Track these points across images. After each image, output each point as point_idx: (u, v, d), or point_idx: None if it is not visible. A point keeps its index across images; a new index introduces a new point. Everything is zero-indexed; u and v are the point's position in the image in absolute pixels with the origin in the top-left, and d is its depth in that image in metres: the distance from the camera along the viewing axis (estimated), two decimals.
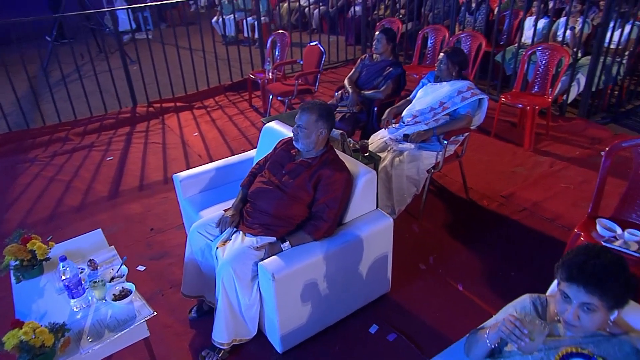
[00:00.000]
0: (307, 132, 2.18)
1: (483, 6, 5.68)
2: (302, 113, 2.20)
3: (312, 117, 2.16)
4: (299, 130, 2.20)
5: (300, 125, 2.19)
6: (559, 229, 3.04)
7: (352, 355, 2.23)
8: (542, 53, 4.17)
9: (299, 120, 2.20)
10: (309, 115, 2.17)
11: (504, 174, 3.76)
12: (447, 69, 3.08)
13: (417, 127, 3.09)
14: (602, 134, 4.28)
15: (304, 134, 2.19)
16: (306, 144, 2.22)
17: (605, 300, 1.18)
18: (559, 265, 1.28)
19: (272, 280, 1.97)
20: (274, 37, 5.35)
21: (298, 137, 2.22)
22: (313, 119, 2.16)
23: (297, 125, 2.21)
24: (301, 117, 2.19)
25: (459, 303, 2.51)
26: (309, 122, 2.17)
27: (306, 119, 2.17)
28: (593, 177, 3.61)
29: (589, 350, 1.23)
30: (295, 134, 2.24)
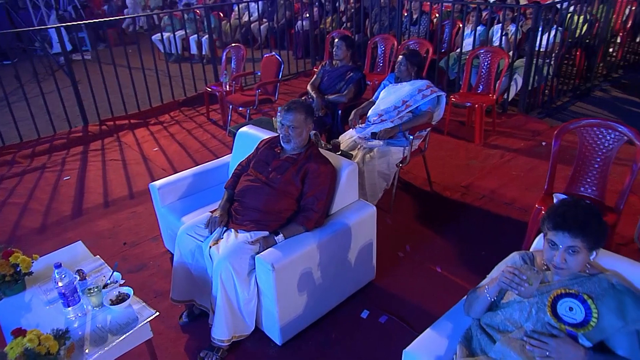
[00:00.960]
0: (299, 131, 2.27)
1: (424, 17, 6.09)
2: (289, 113, 2.27)
3: (301, 116, 2.26)
4: (290, 130, 2.27)
5: (291, 125, 2.26)
6: (517, 211, 3.33)
7: (348, 340, 2.32)
8: (484, 56, 4.55)
9: (288, 120, 2.26)
10: (298, 114, 2.26)
11: (460, 167, 4.04)
12: (407, 69, 3.31)
13: (383, 125, 3.28)
14: (541, 127, 4.72)
15: (296, 132, 2.27)
16: (298, 142, 2.30)
17: (586, 241, 1.37)
18: (544, 219, 1.47)
19: (271, 270, 2.03)
20: (228, 50, 5.41)
21: (290, 137, 2.28)
22: (302, 117, 2.26)
23: (288, 126, 2.27)
24: (289, 117, 2.26)
25: (439, 283, 2.68)
26: (300, 121, 2.26)
27: (296, 117, 2.25)
28: (538, 164, 3.99)
29: (575, 289, 1.42)
30: (285, 135, 2.29)
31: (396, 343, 2.28)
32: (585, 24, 5.47)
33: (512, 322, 1.49)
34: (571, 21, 5.18)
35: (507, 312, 1.51)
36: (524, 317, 1.47)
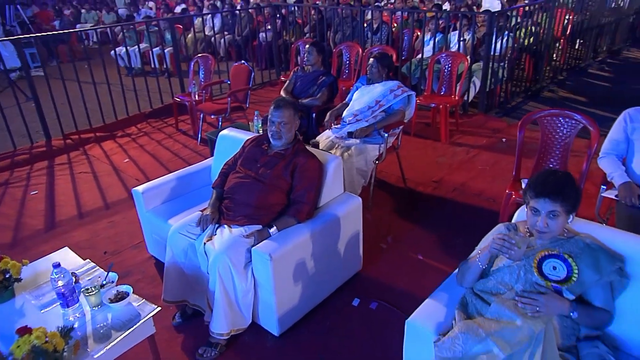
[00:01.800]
0: (289, 127, 2.37)
1: (384, 26, 6.36)
2: (280, 110, 2.35)
3: (290, 112, 2.36)
4: (281, 126, 2.35)
5: (282, 121, 2.35)
6: (486, 200, 3.55)
7: (343, 327, 2.40)
8: (445, 60, 4.83)
9: (279, 117, 2.35)
10: (287, 110, 2.35)
11: (430, 164, 4.24)
12: (378, 71, 3.48)
13: (359, 124, 3.42)
14: (500, 125, 5.04)
15: (287, 128, 2.37)
16: (288, 137, 2.40)
17: (565, 205, 1.54)
18: (525, 189, 1.63)
19: (269, 260, 2.09)
20: (196, 60, 5.44)
21: (281, 133, 2.37)
22: (292, 113, 2.36)
23: (279, 123, 2.35)
24: (280, 113, 2.35)
25: (422, 269, 2.82)
26: (290, 117, 2.36)
27: (286, 114, 2.35)
28: (501, 158, 4.26)
29: (556, 250, 1.58)
30: (277, 132, 2.37)
31: (388, 326, 2.40)
32: (530, 32, 5.90)
33: (503, 284, 1.63)
34: (519, 27, 5.58)
35: (498, 277, 1.65)
36: (514, 279, 1.62)
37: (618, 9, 7.93)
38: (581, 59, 7.25)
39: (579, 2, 6.67)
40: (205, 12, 10.44)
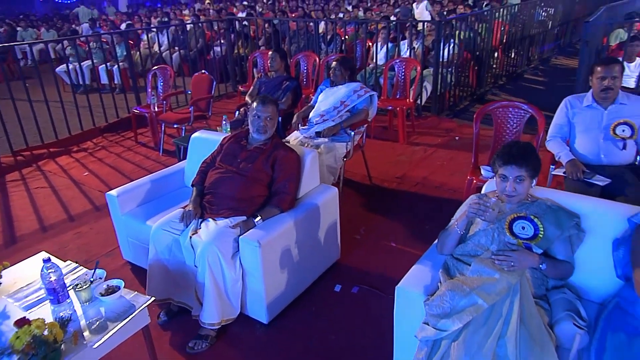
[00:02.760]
0: (273, 122, 2.50)
1: (337, 37, 6.63)
2: (266, 106, 2.47)
3: (275, 108, 2.49)
4: (267, 121, 2.47)
5: (269, 116, 2.47)
6: (447, 191, 3.80)
7: (328, 311, 2.50)
8: (399, 65, 5.12)
9: (266, 112, 2.46)
10: (272, 106, 2.48)
11: (391, 163, 4.46)
12: (341, 74, 3.67)
13: (326, 124, 3.58)
14: (452, 125, 5.38)
15: (272, 123, 2.49)
16: (271, 132, 2.51)
17: (529, 170, 1.75)
18: (494, 160, 1.83)
19: (258, 246, 2.16)
20: (154, 71, 5.41)
21: (267, 127, 2.48)
22: (275, 108, 2.49)
23: (265, 117, 2.46)
24: (267, 109, 2.46)
25: (396, 254, 2.98)
26: (274, 112, 2.49)
27: (271, 109, 2.47)
28: (456, 154, 4.56)
29: (524, 212, 1.78)
30: (263, 126, 2.47)
31: (371, 307, 2.52)
32: (472, 40, 6.37)
33: (480, 246, 1.81)
34: (462, 35, 6.02)
35: (475, 240, 1.83)
36: (489, 241, 1.80)
37: (544, 22, 8.72)
38: (517, 66, 7.88)
39: (511, 15, 7.28)
40: (153, 27, 10.32)
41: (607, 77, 2.50)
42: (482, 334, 1.56)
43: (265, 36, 7.27)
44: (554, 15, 9.02)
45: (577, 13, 10.32)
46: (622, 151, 2.56)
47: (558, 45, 9.73)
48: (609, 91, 2.53)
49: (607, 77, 2.50)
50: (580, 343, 1.55)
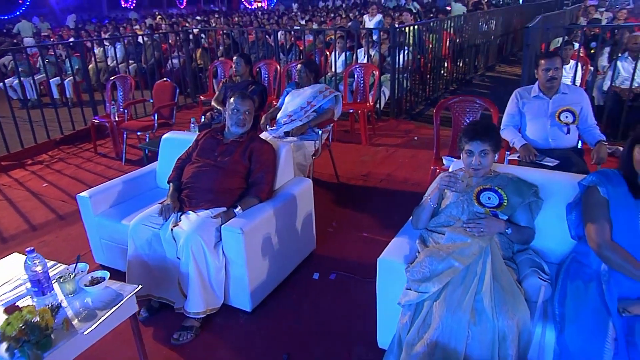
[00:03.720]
0: (251, 116, 2.59)
1: (295, 46, 6.81)
2: (246, 100, 2.57)
3: (252, 102, 2.58)
4: (246, 115, 2.55)
5: (247, 110, 2.56)
6: (411, 185, 4.00)
7: (309, 297, 2.58)
8: (359, 71, 5.34)
9: (245, 106, 2.55)
10: (250, 100, 2.58)
11: (356, 162, 4.63)
12: (306, 75, 3.81)
13: (294, 124, 3.69)
14: (410, 127, 5.65)
15: (250, 117, 2.59)
16: (249, 126, 2.60)
17: (492, 144, 1.94)
18: (460, 138, 2.01)
19: (241, 234, 2.22)
20: (113, 81, 5.33)
21: (245, 121, 2.57)
22: (252, 103, 2.58)
23: (244, 111, 2.55)
24: (246, 103, 2.56)
25: (368, 243, 3.11)
26: (252, 107, 2.59)
27: (249, 103, 2.57)
28: (416, 153, 4.79)
29: (489, 184, 1.96)
30: (242, 120, 2.56)
31: (349, 290, 2.63)
32: (422, 48, 6.75)
33: (452, 217, 1.97)
34: (414, 43, 6.37)
35: (447, 212, 1.99)
36: (460, 212, 1.96)
37: (488, 33, 9.33)
38: (466, 73, 8.36)
39: (457, 26, 7.76)
40: (107, 37, 10.09)
41: (551, 68, 2.78)
42: (460, 291, 1.71)
43: (224, 46, 7.32)
44: (496, 26, 9.67)
45: (516, 25, 11.10)
46: (566, 135, 2.83)
47: (501, 55, 10.40)
48: (554, 81, 2.81)
49: (551, 68, 2.78)
50: (545, 294, 1.73)
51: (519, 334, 1.63)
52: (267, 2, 31.95)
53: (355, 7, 17.14)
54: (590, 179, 1.79)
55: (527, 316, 1.65)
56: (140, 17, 18.96)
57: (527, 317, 1.65)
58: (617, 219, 1.69)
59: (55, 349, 1.60)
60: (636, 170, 1.69)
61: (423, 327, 1.73)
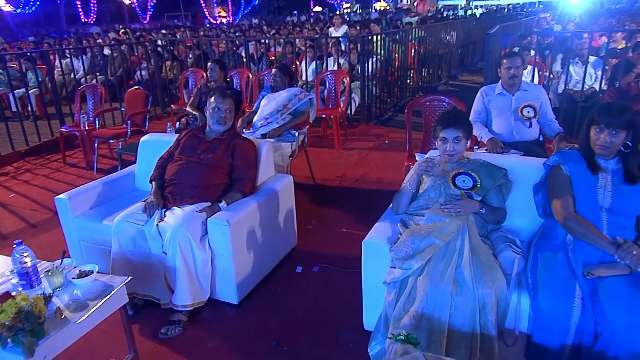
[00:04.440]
0: (232, 114, 2.65)
1: (265, 56, 6.92)
2: (227, 99, 2.62)
3: (233, 101, 2.63)
4: (227, 113, 2.61)
5: (229, 108, 2.62)
6: (385, 184, 4.14)
7: (294, 289, 2.64)
8: (330, 77, 5.49)
9: (225, 104, 2.61)
10: (231, 99, 2.63)
11: (330, 165, 4.74)
12: (281, 79, 3.91)
13: (270, 126, 3.77)
14: (380, 131, 5.84)
15: (231, 115, 2.65)
16: (229, 124, 2.66)
17: (464, 131, 2.08)
18: (435, 127, 2.15)
19: (227, 226, 2.27)
20: (82, 90, 5.27)
21: (226, 119, 2.62)
22: (234, 101, 2.64)
23: (226, 109, 2.60)
24: (227, 101, 2.62)
25: (348, 237, 3.21)
26: (232, 105, 2.64)
27: (230, 102, 2.62)
28: (388, 155, 4.96)
29: (463, 169, 2.10)
30: (223, 118, 2.61)
31: (332, 281, 2.71)
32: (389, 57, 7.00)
33: (430, 200, 2.09)
34: (382, 52, 6.61)
35: (425, 195, 2.11)
36: (438, 195, 2.09)
37: (449, 44, 9.76)
38: (431, 82, 8.70)
39: (421, 38, 8.10)
40: (71, 47, 9.88)
41: (512, 66, 3.00)
42: (442, 266, 1.82)
43: (195, 56, 7.35)
44: (457, 38, 10.12)
45: (475, 36, 11.66)
46: (529, 129, 3.04)
47: (462, 64, 10.87)
48: (515, 78, 3.02)
49: (512, 66, 3.00)
50: (518, 266, 1.87)
51: (497, 301, 1.76)
52: (232, 17, 32.15)
53: (320, 21, 17.51)
54: (554, 159, 1.96)
55: (503, 285, 1.78)
56: (103, 31, 18.67)
57: (503, 286, 1.78)
58: (579, 193, 1.85)
59: (48, 337, 1.60)
60: (593, 149, 1.86)
61: (408, 301, 1.82)
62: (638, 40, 5.15)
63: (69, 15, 26.68)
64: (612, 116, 1.77)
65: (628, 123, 1.77)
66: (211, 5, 31.39)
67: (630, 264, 1.67)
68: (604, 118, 1.79)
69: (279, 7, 34.47)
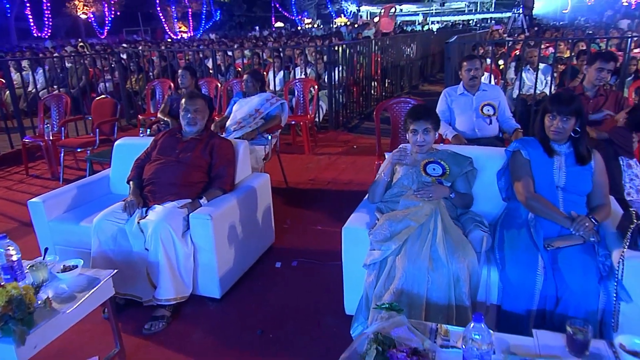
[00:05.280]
0: (202, 114, 2.69)
1: (231, 67, 7.00)
2: (193, 99, 2.68)
3: (202, 102, 2.70)
4: (196, 114, 2.66)
5: (196, 108, 2.67)
6: (355, 185, 4.29)
7: (274, 283, 2.71)
8: (299, 85, 5.63)
9: (193, 105, 2.66)
10: (199, 100, 2.70)
11: (301, 170, 4.85)
12: (253, 85, 4.02)
13: (243, 130, 3.85)
14: (348, 137, 6.02)
15: (201, 116, 2.69)
16: (201, 125, 2.70)
17: (432, 123, 2.24)
18: (405, 119, 2.30)
19: (210, 220, 2.33)
20: (46, 100, 5.16)
21: (196, 120, 2.67)
22: (203, 103, 2.70)
23: (194, 110, 2.65)
24: (193, 102, 2.67)
25: (323, 234, 3.32)
26: (202, 106, 2.70)
27: (199, 102, 2.68)
28: (357, 159, 5.12)
29: (433, 158, 2.26)
30: (193, 118, 2.66)
31: (311, 273, 2.80)
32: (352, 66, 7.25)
33: (404, 187, 2.23)
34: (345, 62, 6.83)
35: (399, 183, 2.25)
36: (411, 182, 2.23)
37: (410, 56, 10.18)
38: (393, 92, 9.02)
39: (384, 49, 8.43)
40: (30, 57, 9.58)
41: (472, 68, 3.23)
42: (418, 245, 1.95)
43: (161, 67, 7.34)
44: (416, 50, 10.56)
45: (433, 50, 12.19)
46: (489, 126, 3.27)
47: (423, 75, 11.32)
48: (475, 79, 3.25)
49: (472, 68, 3.23)
50: (487, 244, 2.03)
51: (469, 275, 1.90)
52: (193, 32, 32.00)
53: (283, 36, 17.77)
54: (514, 145, 2.15)
55: (475, 260, 1.93)
56: (59, 46, 18.16)
57: (475, 261, 1.93)
58: (538, 175, 2.04)
59: (38, 327, 1.61)
60: (548, 135, 2.06)
61: (388, 280, 1.94)
62: (580, 49, 5.59)
63: (20, 29, 25.78)
64: (563, 104, 1.98)
65: (576, 110, 1.98)
66: (171, 20, 31.15)
67: (583, 234, 1.86)
68: (555, 107, 1.99)
69: (240, 22, 34.65)
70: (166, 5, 30.79)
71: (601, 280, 1.76)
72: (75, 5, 28.21)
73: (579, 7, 23.32)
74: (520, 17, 12.48)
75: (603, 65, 2.99)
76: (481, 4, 26.29)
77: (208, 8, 32.85)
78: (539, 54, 5.27)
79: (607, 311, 1.73)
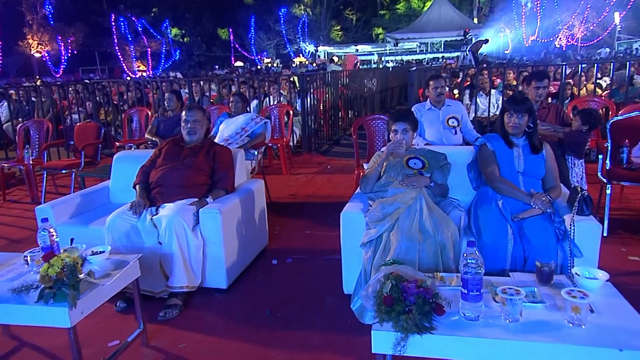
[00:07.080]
0: (201, 124, 2.95)
1: (204, 99, 7.33)
2: (192, 111, 2.94)
3: (200, 113, 2.96)
4: (195, 124, 2.91)
5: (195, 119, 2.92)
6: (335, 198, 4.60)
7: (272, 277, 2.95)
8: (275, 110, 6.00)
9: (192, 116, 2.92)
10: (198, 111, 2.96)
11: (281, 187, 5.14)
12: (241, 104, 4.36)
13: (231, 147, 4.11)
14: (322, 159, 6.39)
15: (199, 125, 2.94)
16: (200, 134, 2.96)
17: (410, 124, 2.64)
18: (388, 121, 2.69)
19: (219, 214, 2.57)
20: (26, 125, 5.25)
21: (195, 129, 2.92)
22: (201, 113, 2.96)
23: (192, 121, 2.91)
24: (192, 113, 2.93)
25: (311, 236, 3.60)
26: (201, 116, 2.95)
27: (197, 114, 2.94)
28: (333, 176, 5.49)
29: (413, 154, 2.64)
30: (192, 129, 2.91)
31: (307, 268, 3.06)
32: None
33: (391, 178, 2.59)
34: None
35: (387, 175, 2.61)
36: (396, 173, 2.59)
37: (371, 88, 10.90)
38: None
39: (350, 82, 9.07)
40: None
41: (439, 86, 3.72)
42: (408, 222, 2.29)
43: (137, 97, 7.53)
44: (377, 84, 11.32)
45: (391, 83, 13.07)
46: (455, 136, 3.74)
47: (383, 106, 12.07)
48: (441, 95, 3.74)
49: (439, 86, 3.72)
50: (464, 222, 2.40)
51: (453, 244, 2.25)
52: (151, 71, 32.04)
53: (247, 72, 18.33)
54: (480, 140, 2.58)
55: (456, 232, 2.28)
56: (11, 85, 17.77)
57: (456, 232, 2.28)
58: (501, 163, 2.46)
59: (84, 295, 1.79)
60: (507, 130, 2.50)
61: (384, 253, 2.25)
62: (524, 75, 6.34)
63: None
64: (518, 104, 2.43)
65: (529, 109, 2.44)
66: (130, 59, 31.06)
67: (541, 207, 2.26)
68: (512, 106, 2.44)
69: (200, 62, 35.16)
70: (125, 45, 30.79)
71: (558, 241, 2.15)
72: (29, 43, 27.75)
73: (519, 47, 25.69)
74: (469, 55, 13.63)
75: (538, 84, 3.46)
76: (431, 45, 28.21)
77: (167, 47, 33.12)
78: (490, 82, 5.94)
79: (564, 266, 2.11)
